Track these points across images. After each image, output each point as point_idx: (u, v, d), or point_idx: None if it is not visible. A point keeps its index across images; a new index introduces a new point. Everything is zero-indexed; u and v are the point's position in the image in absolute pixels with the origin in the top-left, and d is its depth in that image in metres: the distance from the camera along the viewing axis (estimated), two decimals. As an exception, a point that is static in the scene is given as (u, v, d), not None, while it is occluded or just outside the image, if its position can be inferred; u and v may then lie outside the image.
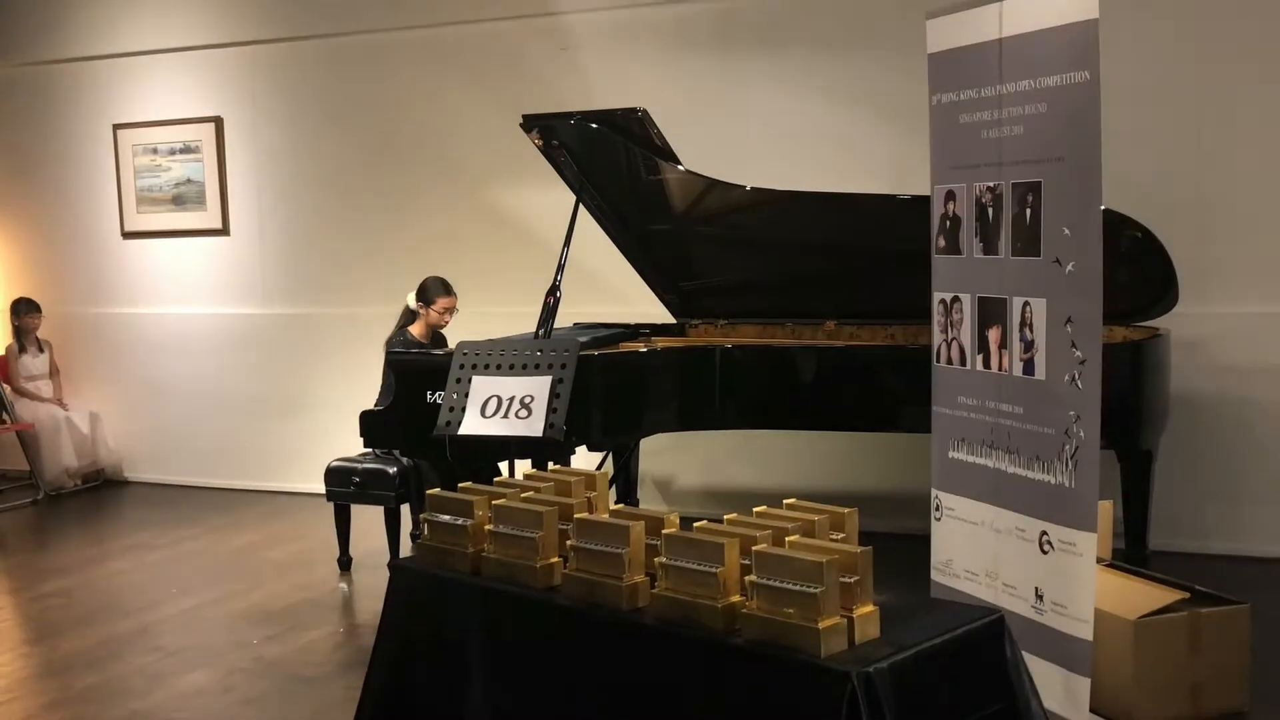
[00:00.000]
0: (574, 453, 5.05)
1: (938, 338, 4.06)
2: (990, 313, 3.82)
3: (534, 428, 4.25)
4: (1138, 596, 3.75)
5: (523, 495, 3.37)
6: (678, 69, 6.46)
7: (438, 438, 4.41)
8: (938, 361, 4.07)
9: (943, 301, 4.03)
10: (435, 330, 5.89)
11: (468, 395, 4.39)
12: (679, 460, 6.62)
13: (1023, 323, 3.67)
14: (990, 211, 3.79)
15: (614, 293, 6.43)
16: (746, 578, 2.76)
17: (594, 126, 5.13)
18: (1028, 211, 3.62)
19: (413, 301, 5.84)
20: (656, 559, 2.92)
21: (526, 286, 5.99)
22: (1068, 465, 3.53)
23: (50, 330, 8.10)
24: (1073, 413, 3.51)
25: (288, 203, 7.54)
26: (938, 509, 4.12)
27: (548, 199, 6.16)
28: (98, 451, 7.97)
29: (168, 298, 7.94)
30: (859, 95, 6.13)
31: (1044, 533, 3.62)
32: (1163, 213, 5.05)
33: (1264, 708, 3.80)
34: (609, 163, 5.33)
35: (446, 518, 3.40)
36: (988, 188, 3.79)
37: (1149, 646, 3.60)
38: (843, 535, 3.07)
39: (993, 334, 3.81)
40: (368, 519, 5.80)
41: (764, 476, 6.40)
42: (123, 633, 5.05)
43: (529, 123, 5.19)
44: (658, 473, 6.65)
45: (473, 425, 4.34)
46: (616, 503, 5.56)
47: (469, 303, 6.07)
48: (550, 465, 4.42)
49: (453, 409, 4.39)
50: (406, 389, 5.04)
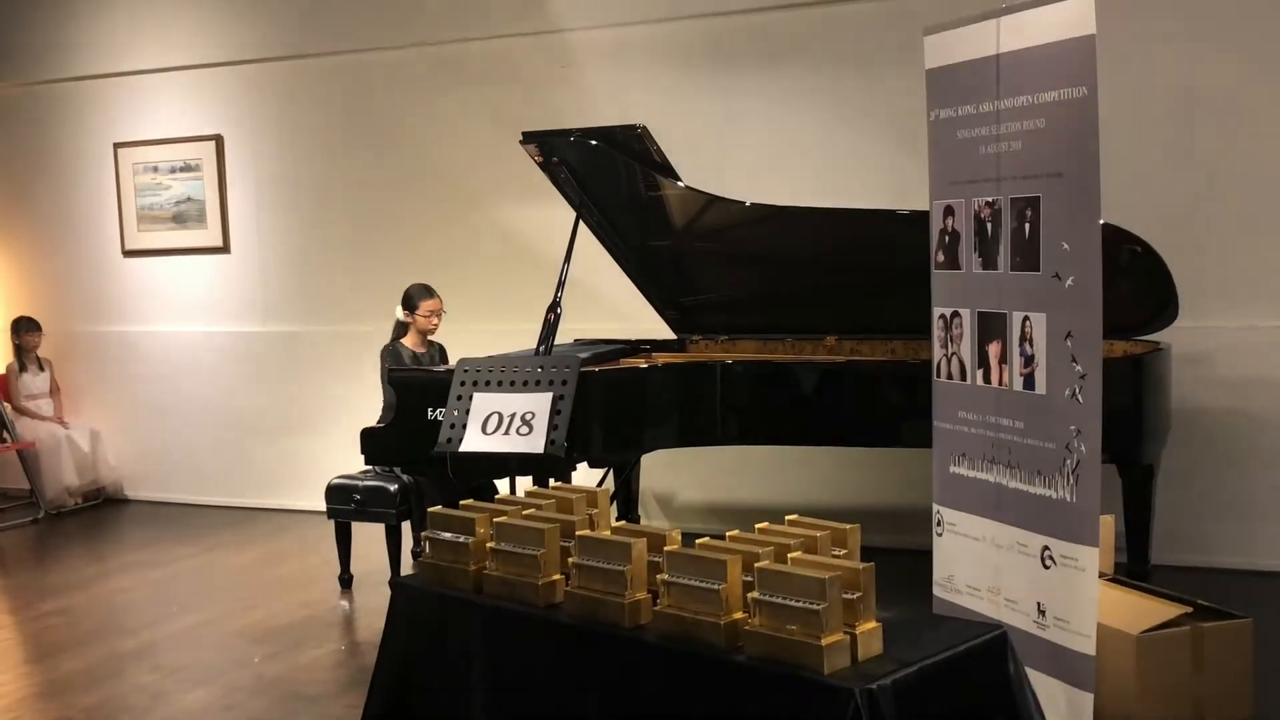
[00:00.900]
0: (575, 469, 5.06)
1: (938, 353, 4.07)
2: (990, 328, 3.82)
3: (535, 444, 4.25)
4: (1140, 611, 3.74)
5: (524, 512, 3.37)
6: (677, 86, 6.48)
7: (438, 455, 4.41)
8: (938, 376, 4.07)
9: (942, 316, 4.03)
10: (426, 336, 5.89)
11: (469, 412, 4.39)
12: (680, 476, 6.62)
13: (1023, 337, 3.68)
14: (989, 226, 3.79)
15: (614, 309, 6.43)
16: (749, 594, 2.76)
17: (594, 143, 5.14)
18: (1027, 226, 3.63)
19: (400, 313, 5.87)
20: (659, 576, 2.92)
21: (527, 303, 5.99)
22: (1069, 480, 3.53)
23: (51, 348, 8.11)
24: (1074, 427, 3.51)
25: (288, 221, 7.56)
26: (939, 524, 4.12)
27: (548, 215, 6.18)
28: (98, 470, 7.97)
29: (168, 316, 7.94)
30: (857, 111, 6.15)
31: (1046, 547, 3.62)
32: (1162, 227, 5.07)
33: (1268, 722, 3.79)
34: (609, 179, 5.35)
35: (448, 535, 3.40)
36: (986, 203, 3.80)
37: (1152, 661, 3.60)
38: (845, 551, 3.07)
39: (993, 349, 3.81)
40: (369, 536, 5.80)
41: (765, 492, 6.40)
42: (123, 651, 5.04)
43: (529, 139, 5.20)
44: (659, 489, 6.65)
45: (474, 442, 4.34)
46: (618, 519, 5.56)
47: (470, 319, 6.07)
48: (551, 482, 4.42)
49: (454, 426, 4.39)
50: (407, 406, 5.05)
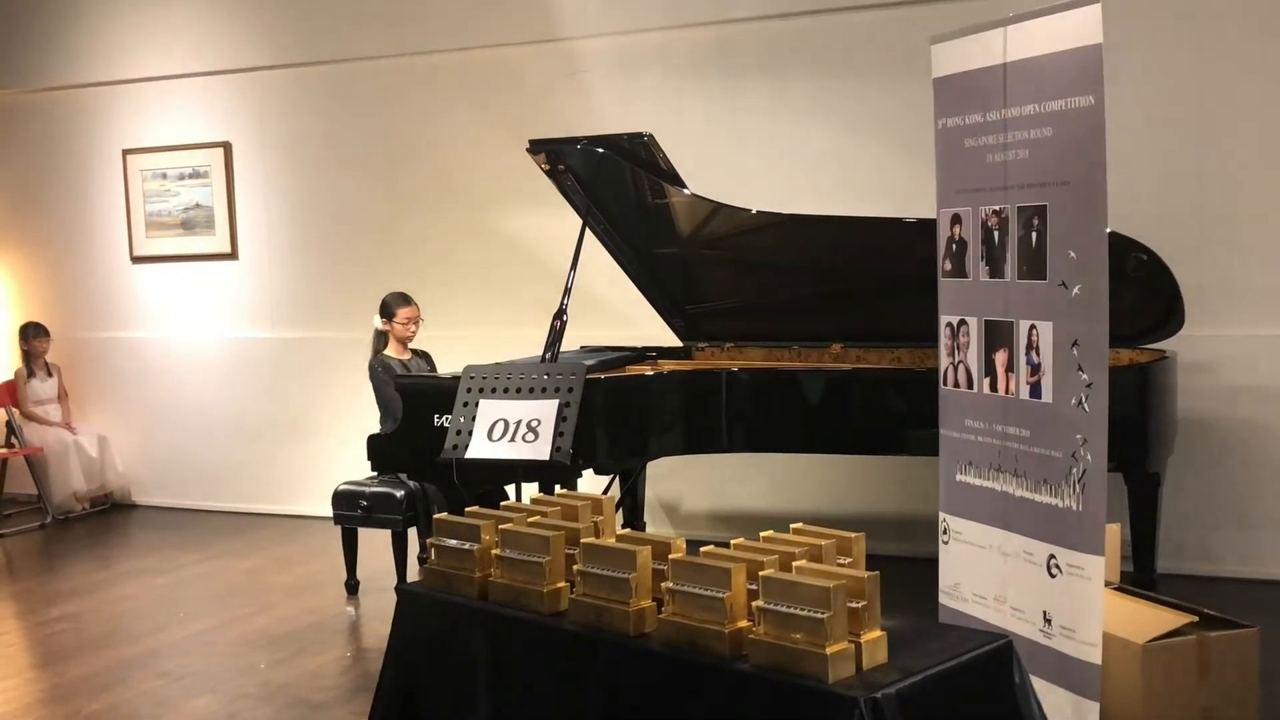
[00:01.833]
0: (580, 476, 5.06)
1: (944, 361, 4.06)
2: (997, 336, 3.82)
3: (541, 451, 4.25)
4: (1146, 620, 3.73)
5: (529, 520, 3.38)
6: (683, 94, 6.49)
7: (444, 461, 4.42)
8: (944, 384, 4.07)
9: (949, 324, 4.03)
10: (407, 344, 5.89)
11: (474, 419, 4.40)
12: (685, 484, 6.62)
13: (1029, 346, 3.68)
14: (996, 235, 3.79)
15: (620, 316, 6.44)
16: (753, 603, 2.76)
17: (600, 151, 5.15)
18: (1033, 235, 3.63)
19: (378, 322, 5.87)
20: (663, 584, 2.93)
21: (533, 310, 6.01)
22: (1075, 488, 3.53)
23: (59, 354, 8.13)
24: (1080, 436, 3.50)
25: (295, 227, 7.58)
26: (945, 532, 4.11)
27: (554, 223, 6.19)
28: (106, 475, 7.99)
29: (176, 322, 7.97)
30: (863, 119, 6.15)
31: (1052, 556, 3.61)
32: (1168, 235, 5.07)
33: (1274, 732, 3.78)
34: (615, 187, 5.35)
35: (453, 542, 3.40)
36: (993, 211, 3.80)
37: (1158, 670, 3.59)
38: (850, 560, 3.06)
39: (999, 357, 3.81)
40: (375, 543, 5.80)
41: (770, 500, 6.40)
42: (130, 657, 5.05)
43: (535, 147, 5.21)
44: (664, 496, 6.65)
45: (479, 449, 4.34)
46: (623, 527, 5.56)
47: (476, 326, 6.08)
48: (557, 489, 4.42)
49: (459, 432, 4.40)
50: (413, 413, 5.05)
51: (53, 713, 4.46)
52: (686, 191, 5.22)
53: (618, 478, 6.16)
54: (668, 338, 6.00)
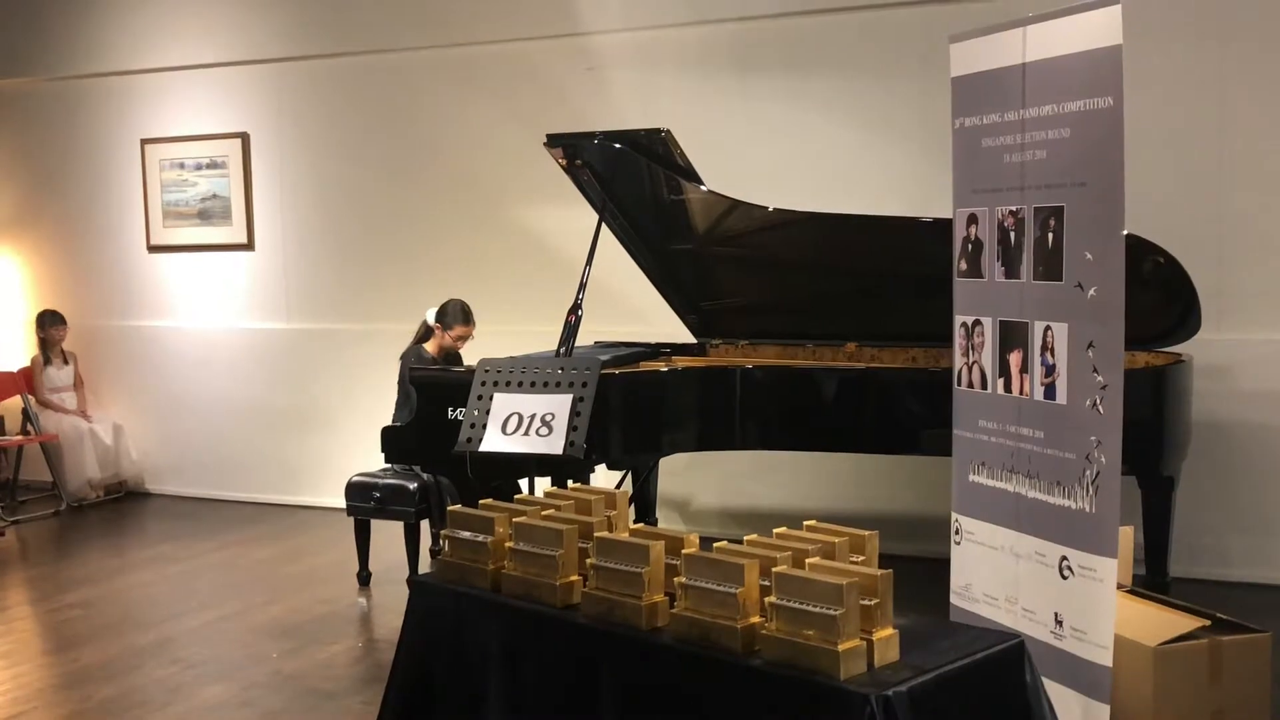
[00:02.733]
0: (593, 471, 5.07)
1: (959, 361, 4.06)
2: (1012, 336, 3.82)
3: (554, 446, 4.26)
4: (1158, 623, 3.73)
5: (543, 513, 3.39)
6: (700, 91, 6.49)
7: (458, 454, 4.43)
8: (958, 385, 4.07)
9: (964, 325, 4.03)
10: (448, 353, 5.90)
11: (489, 412, 4.41)
12: (697, 480, 6.62)
13: (1044, 347, 3.67)
14: (1013, 235, 3.79)
15: (635, 312, 6.45)
16: (766, 599, 2.76)
17: (617, 146, 5.15)
18: (1050, 236, 3.62)
19: (431, 319, 5.87)
20: (676, 579, 2.93)
21: (548, 305, 6.01)
22: (1088, 490, 3.52)
23: (75, 342, 8.16)
24: (1094, 438, 3.50)
25: (312, 219, 7.60)
26: (957, 533, 4.11)
27: (570, 218, 6.19)
28: (120, 463, 8.02)
29: (192, 311, 8.00)
30: (880, 117, 6.15)
31: (1064, 558, 3.61)
32: (1185, 238, 5.05)
33: (1285, 737, 3.78)
34: (632, 182, 5.36)
35: (467, 534, 3.41)
36: (1010, 211, 3.79)
37: (1169, 674, 3.58)
38: (863, 558, 3.06)
39: (1014, 358, 3.81)
40: (387, 534, 5.82)
41: (782, 498, 6.40)
42: (142, 645, 5.07)
43: (553, 141, 5.22)
44: (675, 493, 6.65)
45: (493, 442, 4.35)
46: (634, 523, 5.56)
47: (491, 321, 6.09)
48: (570, 483, 4.43)
49: (474, 426, 4.41)
50: (428, 405, 5.07)
51: (65, 698, 4.49)
52: (703, 188, 5.22)
53: (630, 474, 6.18)
54: (682, 334, 6.00)
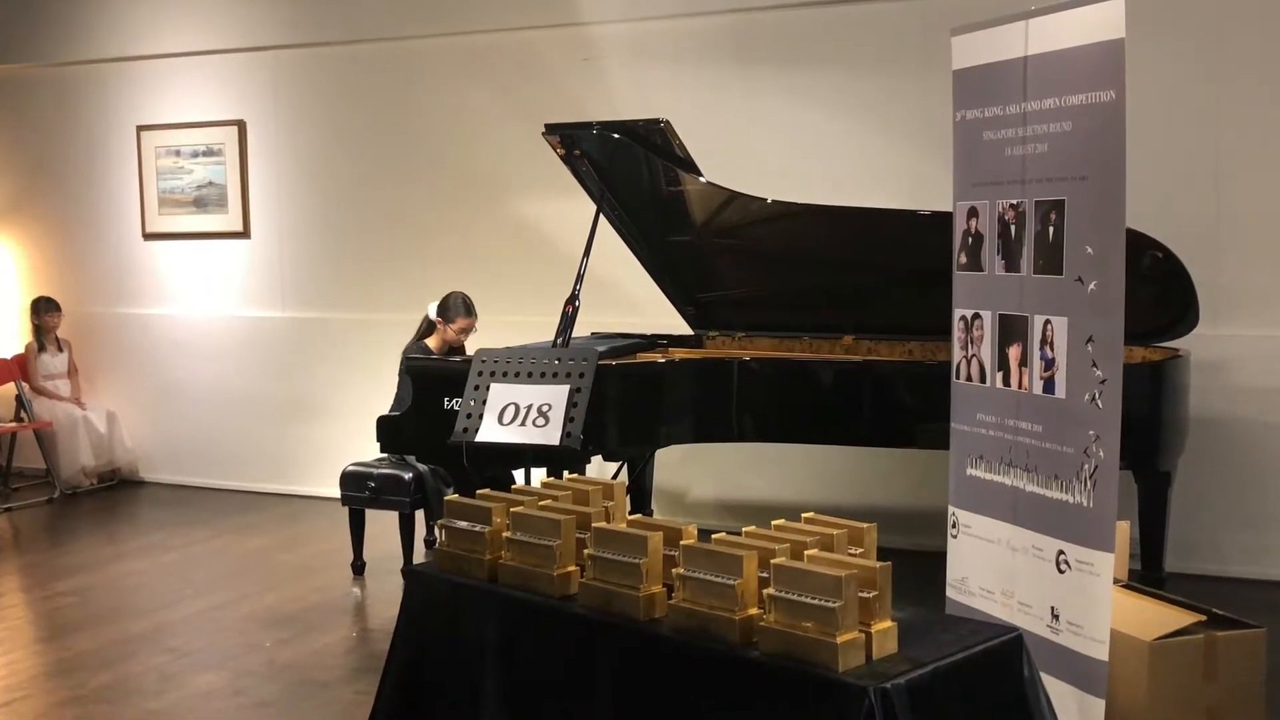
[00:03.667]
0: (589, 462, 5.06)
1: (958, 354, 4.05)
2: (1011, 330, 3.81)
3: (551, 436, 4.25)
4: (1154, 618, 3.73)
5: (541, 503, 3.38)
6: (699, 82, 6.48)
7: (454, 444, 4.42)
8: (957, 378, 4.06)
9: (963, 318, 4.02)
10: (451, 346, 5.88)
11: (485, 402, 4.40)
12: (693, 472, 6.62)
13: (1043, 341, 3.66)
14: (1013, 229, 3.78)
15: (632, 303, 6.44)
16: (764, 591, 2.76)
17: (616, 137, 5.14)
18: (1050, 229, 3.61)
19: (433, 313, 5.85)
20: (674, 570, 2.92)
21: (545, 295, 6.00)
22: (1086, 485, 3.52)
23: (70, 329, 8.14)
24: (1092, 432, 3.49)
25: (308, 207, 7.58)
26: (954, 526, 4.11)
27: (568, 208, 6.18)
28: (114, 451, 8.00)
29: (188, 299, 7.97)
30: (879, 109, 6.14)
31: (1061, 552, 3.61)
32: (1186, 234, 5.05)
33: (1280, 733, 3.78)
34: (630, 173, 5.34)
35: (464, 524, 3.40)
36: (1011, 205, 3.78)
37: (1164, 668, 3.58)
38: (861, 550, 3.06)
39: (1013, 351, 3.80)
40: (382, 524, 5.81)
41: (778, 490, 6.40)
42: (136, 633, 5.06)
43: (551, 131, 5.20)
44: (671, 484, 6.65)
45: (490, 432, 4.34)
46: (630, 514, 5.55)
47: (488, 311, 6.07)
48: (566, 474, 4.42)
49: (470, 416, 4.40)
50: (424, 395, 5.05)
51: (58, 686, 4.48)
52: (702, 179, 5.21)
53: (626, 466, 6.17)
54: (679, 325, 5.99)
